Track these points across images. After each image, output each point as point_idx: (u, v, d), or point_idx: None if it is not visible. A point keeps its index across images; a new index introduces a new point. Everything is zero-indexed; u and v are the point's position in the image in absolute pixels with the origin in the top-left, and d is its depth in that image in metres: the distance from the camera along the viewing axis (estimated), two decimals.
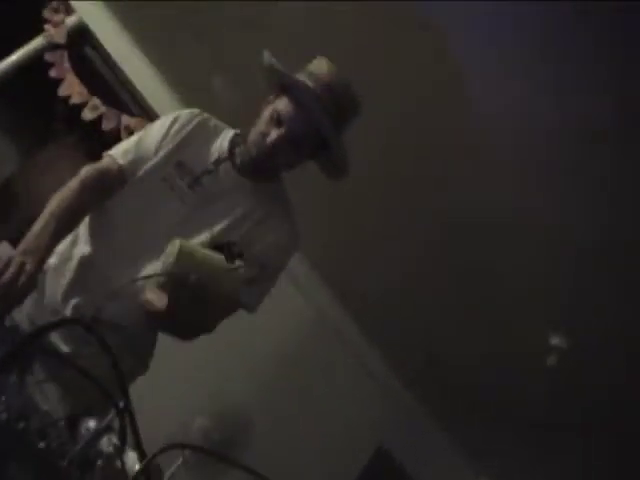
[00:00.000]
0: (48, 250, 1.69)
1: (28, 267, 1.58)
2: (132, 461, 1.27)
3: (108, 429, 1.17)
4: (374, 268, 3.61)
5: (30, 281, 1.58)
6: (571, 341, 3.57)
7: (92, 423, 1.18)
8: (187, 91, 3.30)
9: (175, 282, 1.49)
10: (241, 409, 3.13)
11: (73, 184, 1.83)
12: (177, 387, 3.03)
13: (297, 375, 3.68)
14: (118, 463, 1.22)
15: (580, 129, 2.83)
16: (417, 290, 3.68)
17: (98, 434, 1.13)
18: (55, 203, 1.76)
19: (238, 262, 1.59)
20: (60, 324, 1.01)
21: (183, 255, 1.51)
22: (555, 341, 3.57)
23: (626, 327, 3.30)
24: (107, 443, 1.19)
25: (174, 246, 1.53)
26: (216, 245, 1.75)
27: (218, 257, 1.57)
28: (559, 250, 3.24)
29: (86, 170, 1.87)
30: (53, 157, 3.32)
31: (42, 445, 1.07)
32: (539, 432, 3.97)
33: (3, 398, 1.04)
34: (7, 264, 1.55)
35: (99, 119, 3.23)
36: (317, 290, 3.77)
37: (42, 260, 1.65)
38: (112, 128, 3.21)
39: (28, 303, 1.72)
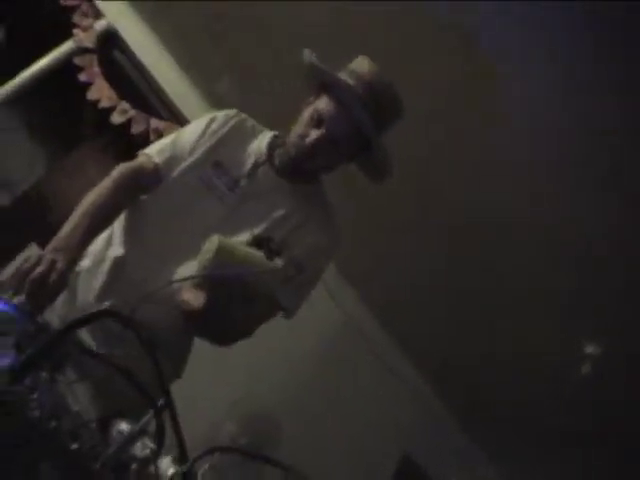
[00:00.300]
0: (79, 249, 1.65)
1: (59, 265, 1.53)
2: (166, 466, 1.23)
3: (143, 432, 1.12)
4: (397, 268, 3.59)
5: (61, 279, 1.53)
6: (595, 344, 3.54)
7: (124, 426, 1.14)
8: (215, 95, 3.27)
9: (214, 276, 1.45)
10: (269, 413, 3.09)
11: (106, 182, 1.79)
12: (206, 390, 2.99)
13: (325, 379, 3.63)
14: (152, 468, 1.18)
15: (587, 129, 2.85)
16: (443, 290, 3.65)
17: (133, 437, 1.08)
18: (87, 201, 1.73)
19: (278, 259, 1.55)
20: (97, 317, 0.97)
21: (222, 252, 1.47)
22: (579, 344, 3.51)
23: None
24: (141, 447, 1.14)
25: (212, 243, 1.50)
26: (255, 241, 1.71)
27: (258, 254, 1.53)
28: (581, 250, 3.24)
29: (119, 168, 1.84)
30: (82, 161, 3.30)
31: (74, 446, 1.03)
32: (562, 438, 3.90)
33: (35, 395, 1.00)
34: (37, 262, 1.51)
35: (128, 123, 3.21)
36: (344, 292, 3.73)
37: (73, 259, 1.61)
38: (141, 132, 3.19)
39: (60, 304, 1.68)
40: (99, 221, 1.74)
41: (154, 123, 3.20)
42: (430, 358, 3.92)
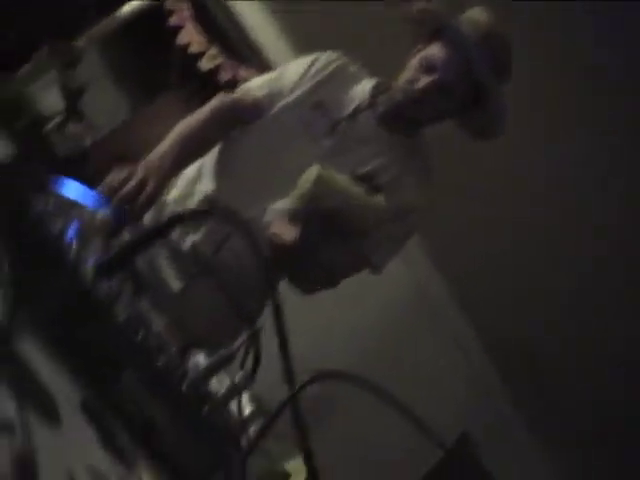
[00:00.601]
0: (170, 173, 1.59)
1: (149, 187, 1.47)
2: (243, 402, 1.14)
3: (231, 358, 1.02)
4: (478, 241, 3.49)
5: (150, 202, 1.47)
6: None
7: (200, 358, 1.05)
8: (308, 47, 3.16)
9: (309, 210, 1.36)
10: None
11: (205, 110, 1.75)
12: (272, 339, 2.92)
13: (390, 345, 3.52)
14: (232, 403, 1.08)
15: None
16: (523, 270, 3.53)
17: (223, 362, 0.98)
18: (184, 127, 1.69)
19: (379, 197, 1.45)
20: (201, 214, 0.86)
21: (321, 181, 1.40)
22: None
23: None
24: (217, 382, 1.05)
25: (312, 172, 1.42)
26: (356, 179, 1.60)
27: (359, 189, 1.44)
28: None
29: (219, 98, 1.79)
30: (165, 108, 3.23)
31: (161, 363, 0.93)
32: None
33: (123, 299, 0.90)
34: (128, 178, 1.44)
35: (216, 70, 3.12)
36: (419, 259, 3.62)
37: (163, 183, 1.54)
38: (229, 79, 3.09)
39: None
40: (193, 148, 1.70)
41: (243, 72, 3.10)
42: (498, 337, 3.80)
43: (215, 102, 1.78)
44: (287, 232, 1.45)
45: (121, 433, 0.85)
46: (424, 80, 1.74)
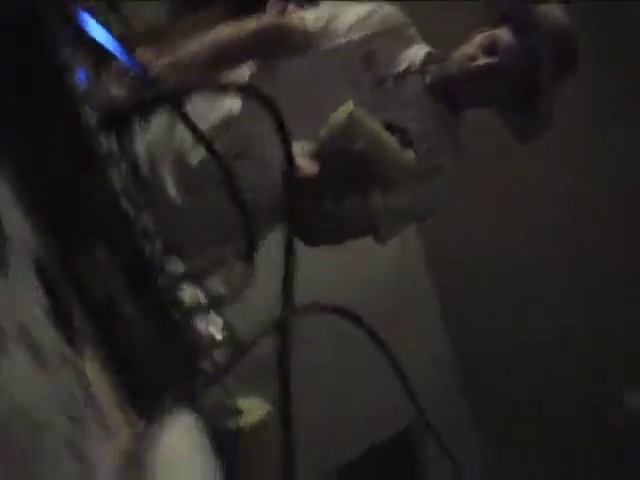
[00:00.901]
0: (198, 74, 1.54)
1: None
2: (216, 324, 1.04)
3: (220, 263, 0.91)
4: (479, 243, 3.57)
5: None
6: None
7: (178, 266, 0.94)
8: None
9: (334, 147, 1.28)
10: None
11: (252, 25, 1.69)
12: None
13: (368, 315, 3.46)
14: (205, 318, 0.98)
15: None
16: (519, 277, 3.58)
17: (213, 265, 0.87)
18: (224, 32, 1.60)
19: (410, 152, 1.36)
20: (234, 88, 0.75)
21: (352, 119, 1.34)
22: None
23: None
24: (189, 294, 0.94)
25: (344, 109, 1.35)
26: (388, 127, 1.52)
27: (391, 137, 1.36)
28: None
29: (270, 18, 1.76)
30: (203, 23, 3.10)
31: (146, 247, 0.82)
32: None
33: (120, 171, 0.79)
34: (152, 64, 1.34)
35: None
36: (414, 245, 3.56)
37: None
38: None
39: (152, 131, 1.52)
40: (227, 57, 1.63)
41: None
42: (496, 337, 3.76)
43: (265, 19, 1.72)
44: (308, 165, 1.36)
45: (77, 312, 0.74)
46: (482, 60, 1.72)
